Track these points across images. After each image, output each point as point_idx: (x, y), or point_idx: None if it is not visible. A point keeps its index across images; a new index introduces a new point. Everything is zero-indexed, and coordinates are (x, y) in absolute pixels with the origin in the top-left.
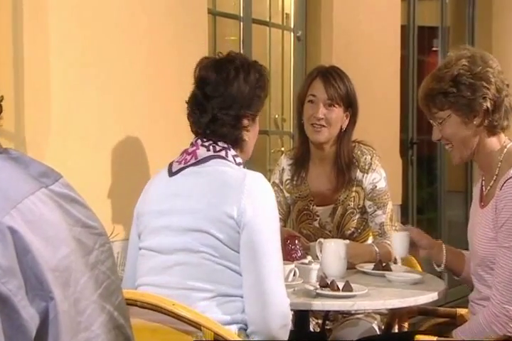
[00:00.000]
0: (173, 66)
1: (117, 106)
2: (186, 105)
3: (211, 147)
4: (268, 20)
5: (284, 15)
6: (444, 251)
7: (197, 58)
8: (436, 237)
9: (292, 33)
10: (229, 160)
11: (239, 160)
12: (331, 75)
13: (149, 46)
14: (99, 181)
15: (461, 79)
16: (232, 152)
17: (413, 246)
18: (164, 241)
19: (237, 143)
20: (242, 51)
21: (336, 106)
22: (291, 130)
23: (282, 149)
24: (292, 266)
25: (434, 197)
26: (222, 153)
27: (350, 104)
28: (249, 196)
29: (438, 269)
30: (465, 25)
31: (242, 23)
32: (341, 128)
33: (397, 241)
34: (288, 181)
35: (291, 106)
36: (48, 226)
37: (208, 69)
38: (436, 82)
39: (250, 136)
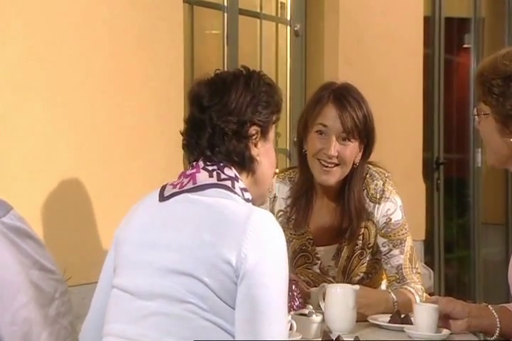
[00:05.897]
0: (142, 68)
1: (71, 122)
2: (166, 125)
3: (215, 173)
4: (259, 10)
5: (279, 5)
6: (495, 313)
7: (170, 58)
8: (469, 281)
9: (289, 27)
10: (235, 193)
11: (248, 195)
12: (345, 99)
13: (111, 44)
14: (48, 213)
15: None
16: (240, 184)
17: (444, 319)
18: (142, 282)
19: (247, 163)
20: (226, 48)
21: (353, 140)
22: (288, 147)
23: (276, 171)
24: (288, 317)
25: (466, 230)
26: (228, 183)
27: (366, 134)
28: (253, 238)
29: (490, 339)
30: (503, 16)
31: (226, 14)
32: (353, 163)
33: (423, 316)
34: (281, 213)
35: (288, 118)
36: (2, 269)
37: (201, 85)
38: (510, 62)
39: (263, 159)
